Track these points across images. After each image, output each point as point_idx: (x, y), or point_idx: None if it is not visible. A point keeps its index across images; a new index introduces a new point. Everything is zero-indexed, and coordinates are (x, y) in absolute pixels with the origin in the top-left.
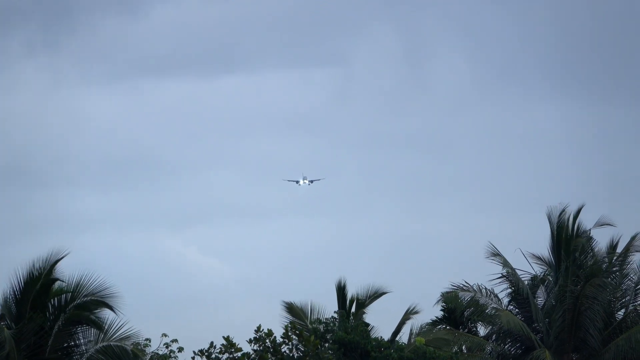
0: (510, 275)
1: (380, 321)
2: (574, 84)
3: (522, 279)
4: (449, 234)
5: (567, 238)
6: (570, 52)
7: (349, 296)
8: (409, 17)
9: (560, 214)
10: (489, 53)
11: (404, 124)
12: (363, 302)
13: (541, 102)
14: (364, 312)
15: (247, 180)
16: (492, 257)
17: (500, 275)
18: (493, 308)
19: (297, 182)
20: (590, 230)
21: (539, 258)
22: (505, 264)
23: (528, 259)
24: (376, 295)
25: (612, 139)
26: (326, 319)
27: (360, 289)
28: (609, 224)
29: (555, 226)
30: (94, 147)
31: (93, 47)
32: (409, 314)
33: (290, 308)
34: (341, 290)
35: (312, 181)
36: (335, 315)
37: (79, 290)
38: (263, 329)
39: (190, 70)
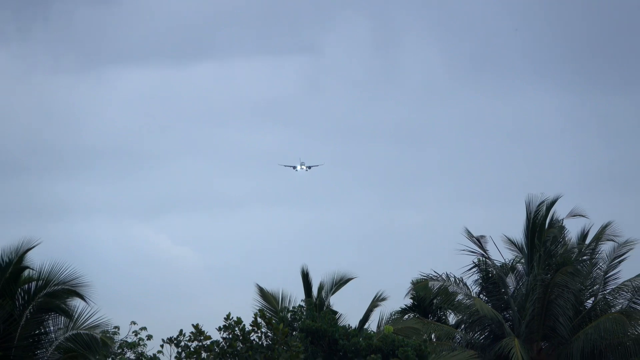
0: (482, 263)
1: (350, 309)
2: (551, 72)
3: (494, 266)
4: (424, 224)
5: (540, 227)
6: (547, 40)
7: (315, 284)
8: (381, 5)
9: (540, 204)
10: (461, 41)
11: (377, 113)
12: (329, 290)
13: (517, 91)
14: (330, 300)
15: (219, 169)
16: (467, 243)
17: (473, 264)
18: (463, 296)
19: (294, 167)
20: (562, 220)
21: (512, 243)
22: (479, 247)
23: (501, 245)
24: (342, 281)
25: (592, 128)
26: (293, 307)
27: (325, 277)
28: (582, 215)
29: (532, 215)
30: (66, 136)
31: (66, 35)
32: (376, 301)
33: (263, 293)
34: (306, 277)
35: (309, 167)
36: (303, 304)
37: (49, 278)
38: (232, 317)
39: (162, 58)
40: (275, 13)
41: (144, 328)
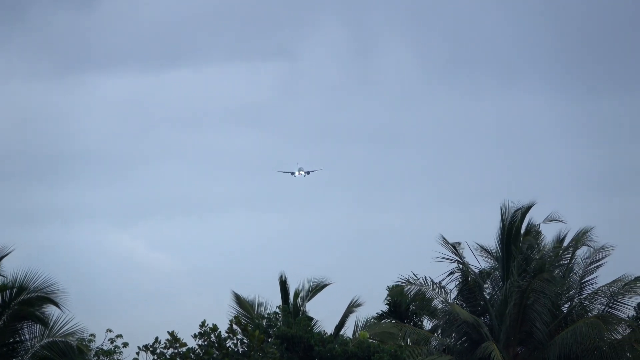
0: (461, 270)
1: (327, 315)
2: (528, 74)
3: (471, 272)
4: (403, 227)
5: (516, 233)
6: (524, 42)
7: (292, 290)
8: (356, 9)
9: (515, 211)
10: (438, 44)
11: (355, 116)
12: (305, 296)
13: (494, 93)
14: (306, 306)
15: (196, 174)
16: (443, 249)
17: (450, 270)
18: (440, 301)
19: (293, 173)
20: (539, 225)
21: (486, 250)
22: (455, 254)
23: (476, 252)
24: (318, 287)
25: (573, 132)
26: (268, 313)
27: (302, 283)
28: (558, 220)
29: (507, 221)
30: (41, 141)
31: (43, 41)
32: (351, 307)
33: (239, 299)
34: (283, 284)
35: (308, 172)
36: (278, 310)
37: (23, 286)
38: (208, 324)
39: (139, 63)
40: (251, 18)
41: (120, 335)
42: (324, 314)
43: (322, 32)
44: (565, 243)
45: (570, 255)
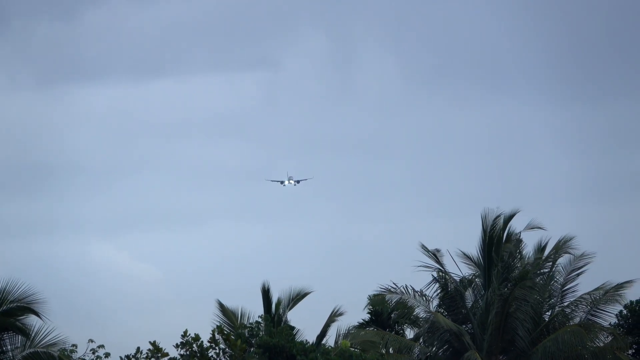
0: (442, 278)
1: (309, 325)
2: (510, 83)
3: (453, 280)
4: (386, 237)
5: (498, 241)
6: (504, 50)
7: (274, 299)
8: (339, 20)
9: (496, 218)
10: (420, 53)
11: (337, 126)
12: (286, 305)
13: (476, 102)
14: (288, 315)
15: (179, 184)
16: (424, 257)
17: (431, 277)
18: (422, 310)
19: (282, 182)
20: (520, 233)
21: (468, 257)
22: (436, 262)
23: (458, 260)
24: (299, 296)
25: (555, 140)
26: (250, 323)
27: (283, 292)
28: (539, 228)
29: (488, 229)
30: (23, 152)
31: (24, 52)
32: (333, 316)
33: (223, 309)
34: (266, 293)
35: (298, 181)
36: (260, 320)
37: (4, 296)
38: (190, 334)
39: (121, 74)
40: (234, 29)
41: (102, 346)
42: (306, 323)
43: (305, 41)
44: (547, 251)
45: (551, 263)
